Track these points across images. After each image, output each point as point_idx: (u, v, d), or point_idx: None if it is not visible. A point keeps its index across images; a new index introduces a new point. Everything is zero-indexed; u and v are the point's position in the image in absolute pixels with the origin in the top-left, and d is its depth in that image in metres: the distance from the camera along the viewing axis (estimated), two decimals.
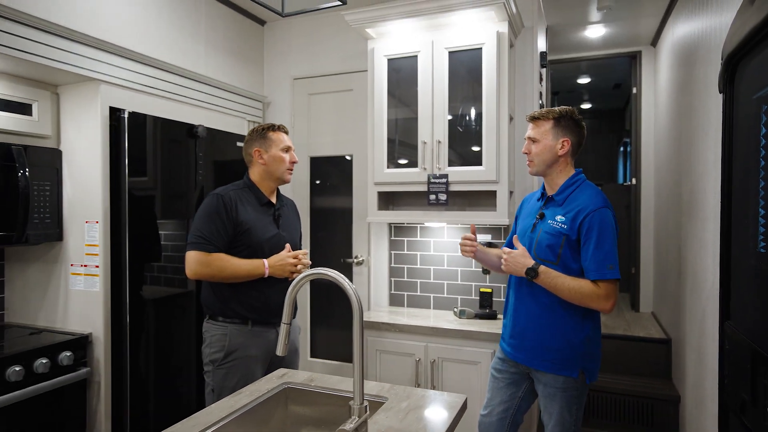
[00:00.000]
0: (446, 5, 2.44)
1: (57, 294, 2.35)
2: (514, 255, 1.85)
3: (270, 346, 2.03)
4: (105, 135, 2.25)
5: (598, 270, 1.72)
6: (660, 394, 2.97)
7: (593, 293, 1.73)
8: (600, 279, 1.73)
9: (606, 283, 1.73)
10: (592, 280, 1.74)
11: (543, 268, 1.79)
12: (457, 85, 2.60)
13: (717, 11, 2.13)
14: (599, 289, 1.73)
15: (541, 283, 1.80)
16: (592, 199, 1.81)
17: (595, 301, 1.73)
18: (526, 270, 1.81)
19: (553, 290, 1.79)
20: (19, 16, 1.92)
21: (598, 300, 1.73)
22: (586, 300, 1.74)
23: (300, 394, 1.69)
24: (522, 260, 1.83)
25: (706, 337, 2.24)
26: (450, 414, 1.46)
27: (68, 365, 2.13)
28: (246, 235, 1.97)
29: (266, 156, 2.05)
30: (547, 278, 1.78)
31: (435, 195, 2.59)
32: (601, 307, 1.74)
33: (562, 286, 1.76)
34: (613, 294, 1.74)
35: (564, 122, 1.89)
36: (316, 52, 3.31)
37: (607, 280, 1.72)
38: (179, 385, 2.54)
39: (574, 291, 1.74)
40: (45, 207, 2.24)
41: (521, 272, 1.83)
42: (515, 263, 1.84)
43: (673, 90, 3.25)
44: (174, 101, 2.67)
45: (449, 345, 2.51)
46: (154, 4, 2.57)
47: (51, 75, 2.19)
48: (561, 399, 1.83)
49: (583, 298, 1.74)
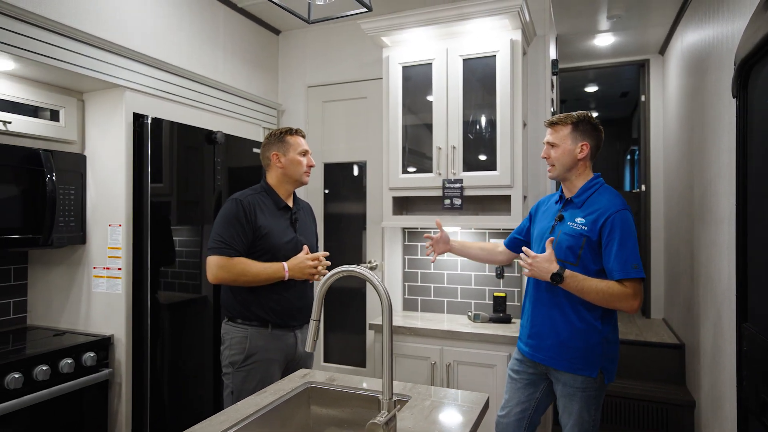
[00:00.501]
0: (462, 14, 2.49)
1: (79, 296, 2.39)
2: (539, 260, 1.83)
3: (288, 350, 2.05)
4: (129, 140, 2.31)
5: (622, 269, 1.75)
6: (674, 399, 2.96)
7: (621, 293, 1.74)
8: (626, 278, 1.75)
9: (632, 282, 1.75)
10: (618, 279, 1.76)
11: (569, 273, 1.79)
12: (471, 92, 2.65)
13: (729, 19, 2.17)
14: (627, 289, 1.75)
15: (567, 287, 1.80)
16: (613, 202, 1.84)
17: (623, 301, 1.75)
18: (552, 275, 1.80)
19: (580, 293, 1.79)
20: (51, 25, 1.99)
21: (626, 299, 1.74)
22: (614, 300, 1.75)
23: (322, 393, 1.71)
24: (547, 266, 1.81)
25: (722, 340, 2.25)
26: (474, 412, 1.48)
27: (91, 366, 2.16)
28: (265, 239, 2.00)
29: (284, 159, 2.09)
30: (574, 282, 1.78)
31: (450, 200, 2.63)
32: (629, 306, 1.75)
33: (590, 288, 1.77)
34: (640, 293, 1.76)
35: (582, 126, 1.93)
36: (330, 61, 3.37)
37: (632, 279, 1.75)
38: (196, 388, 2.57)
39: (602, 292, 1.75)
40: (69, 211, 2.28)
41: (546, 277, 1.82)
42: (540, 268, 1.83)
43: (682, 97, 3.29)
44: (193, 107, 2.73)
45: (464, 348, 2.52)
46: (176, 14, 2.64)
47: (78, 82, 2.25)
48: (580, 399, 1.84)
49: (612, 298, 1.75)
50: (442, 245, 2.29)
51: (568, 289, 1.80)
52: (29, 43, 1.92)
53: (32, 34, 1.93)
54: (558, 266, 1.81)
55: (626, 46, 3.95)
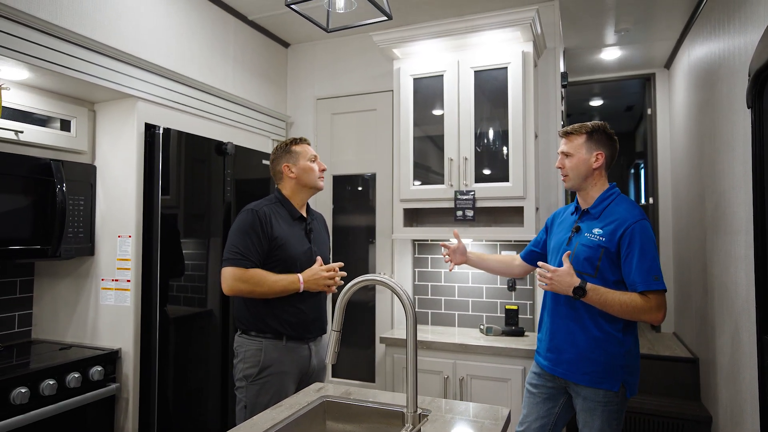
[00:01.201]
0: (474, 26, 2.50)
1: (86, 309, 2.35)
2: (560, 274, 1.78)
3: (302, 362, 2.01)
4: (140, 150, 2.29)
5: (644, 281, 1.72)
6: (690, 414, 2.91)
7: (645, 305, 1.71)
8: (648, 290, 1.72)
9: (654, 294, 1.72)
10: (641, 291, 1.73)
11: (591, 286, 1.75)
12: (482, 103, 2.65)
13: (740, 31, 2.18)
14: (650, 301, 1.72)
15: (590, 301, 1.76)
16: (630, 212, 1.82)
17: (647, 314, 1.72)
18: (574, 289, 1.75)
19: (602, 306, 1.75)
20: (67, 35, 1.99)
21: (650, 312, 1.71)
22: (638, 313, 1.72)
23: (338, 407, 1.66)
24: (568, 279, 1.76)
25: (740, 354, 2.21)
26: (497, 426, 1.44)
27: (98, 380, 2.11)
28: (281, 249, 1.98)
29: (296, 169, 2.07)
30: (596, 295, 1.74)
31: (462, 211, 2.61)
32: (653, 318, 1.72)
33: (613, 301, 1.73)
34: (663, 304, 1.74)
35: (597, 136, 1.92)
36: (339, 73, 3.38)
37: (655, 290, 1.72)
38: (204, 403, 2.51)
39: (625, 305, 1.72)
40: (79, 222, 2.26)
41: (568, 291, 1.77)
42: (561, 282, 1.78)
43: (691, 110, 3.29)
44: (203, 118, 2.72)
45: (478, 362, 2.48)
46: (188, 25, 2.65)
47: (90, 92, 2.24)
48: (602, 413, 1.80)
49: (635, 311, 1.72)
50: (459, 256, 2.26)
51: (590, 302, 1.77)
52: (45, 52, 1.92)
53: (48, 44, 1.93)
54: (579, 279, 1.77)
55: (632, 60, 3.97)
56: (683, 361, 3.24)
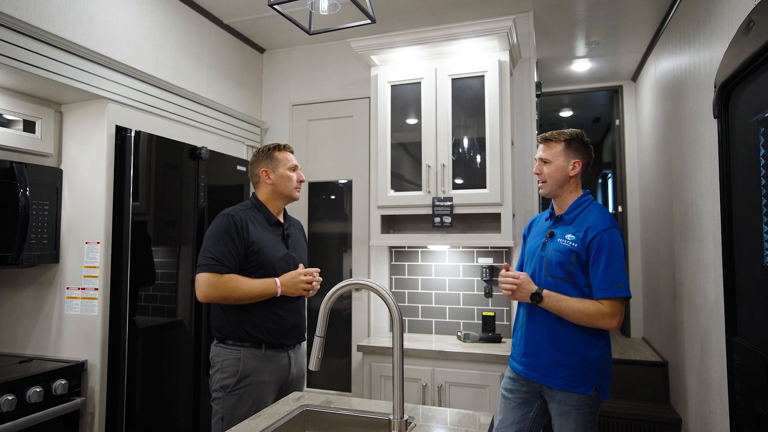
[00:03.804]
0: (452, 34, 2.53)
1: (50, 319, 2.24)
2: (522, 281, 1.86)
3: (282, 372, 1.96)
4: (110, 153, 2.21)
5: (608, 288, 1.76)
6: (660, 417, 2.97)
7: (599, 312, 1.76)
8: (608, 297, 1.76)
9: (612, 301, 1.76)
10: (600, 299, 1.77)
11: (547, 293, 1.82)
12: (459, 111, 2.67)
13: (706, 46, 2.27)
14: (605, 308, 1.76)
15: (547, 306, 1.82)
16: (601, 219, 1.86)
17: (601, 320, 1.76)
18: (531, 295, 1.84)
19: (558, 312, 1.81)
20: (33, 32, 1.90)
21: (604, 319, 1.76)
22: (592, 320, 1.77)
23: (319, 416, 1.62)
24: (528, 286, 1.85)
25: (709, 356, 2.27)
26: None
27: (62, 394, 2.00)
28: (258, 255, 1.93)
29: (273, 176, 2.04)
30: (551, 301, 1.81)
31: (440, 218, 2.62)
32: (608, 325, 1.76)
33: (567, 308, 1.79)
34: (619, 312, 1.77)
35: (575, 144, 1.95)
36: (315, 80, 3.36)
37: (615, 298, 1.76)
38: (175, 417, 2.41)
39: (579, 312, 1.77)
40: (43, 227, 2.15)
41: (527, 298, 1.86)
42: (522, 290, 1.85)
43: (658, 121, 3.41)
44: (176, 122, 2.65)
45: (456, 369, 2.47)
46: (162, 27, 2.59)
47: (58, 92, 2.15)
48: (576, 417, 1.81)
49: (590, 318, 1.76)
50: None
51: (548, 308, 1.83)
52: (7, 48, 1.82)
53: (11, 39, 1.84)
54: (536, 286, 1.85)
55: (600, 72, 4.10)
56: (653, 365, 3.32)
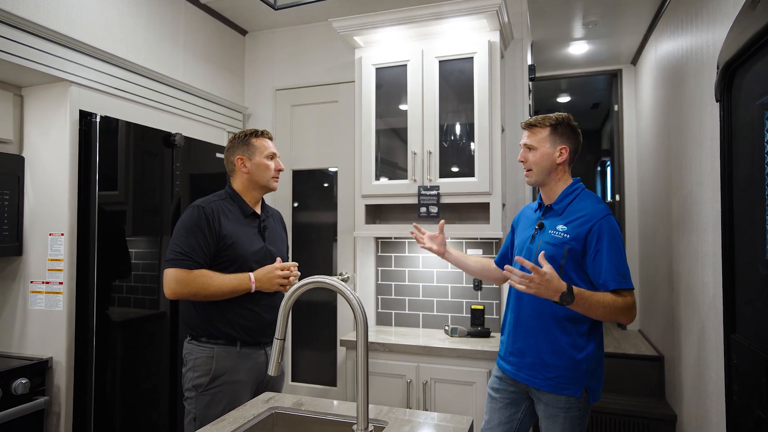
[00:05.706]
0: (438, 12, 2.38)
1: (13, 314, 2.13)
2: (549, 278, 1.52)
3: (259, 369, 1.86)
4: (74, 140, 2.08)
5: (615, 280, 1.63)
6: (655, 413, 2.88)
7: (625, 304, 1.62)
8: (621, 288, 1.63)
9: (629, 291, 1.64)
10: (614, 289, 1.64)
11: (578, 290, 1.58)
12: (447, 95, 2.53)
13: (708, 26, 2.13)
14: (628, 299, 1.63)
15: (575, 307, 1.59)
16: (596, 207, 1.74)
17: (627, 313, 1.62)
18: (561, 295, 1.54)
19: (588, 311, 1.61)
20: None
21: (629, 310, 1.62)
22: (618, 314, 1.62)
23: (289, 420, 1.52)
24: (557, 284, 1.53)
25: (706, 352, 2.17)
26: None
27: (23, 394, 1.90)
28: (230, 249, 1.82)
29: (249, 164, 1.91)
30: (582, 300, 1.57)
31: (426, 207, 2.50)
32: (630, 317, 1.64)
33: (598, 304, 1.59)
34: (635, 303, 1.66)
35: (561, 129, 1.83)
36: (300, 63, 3.21)
37: (627, 288, 1.64)
38: (150, 415, 2.32)
39: (609, 307, 1.60)
40: (3, 218, 2.04)
41: (555, 297, 1.55)
42: (548, 287, 1.53)
43: (658, 106, 3.27)
44: (149, 107, 2.52)
45: (442, 365, 2.37)
46: (131, 7, 2.44)
47: (16, 75, 2.02)
48: (564, 420, 1.71)
49: (617, 312, 1.61)
50: (437, 245, 2.08)
51: (575, 308, 1.60)
52: None
53: None
54: (566, 284, 1.55)
55: (599, 55, 3.94)
56: (648, 359, 3.22)
